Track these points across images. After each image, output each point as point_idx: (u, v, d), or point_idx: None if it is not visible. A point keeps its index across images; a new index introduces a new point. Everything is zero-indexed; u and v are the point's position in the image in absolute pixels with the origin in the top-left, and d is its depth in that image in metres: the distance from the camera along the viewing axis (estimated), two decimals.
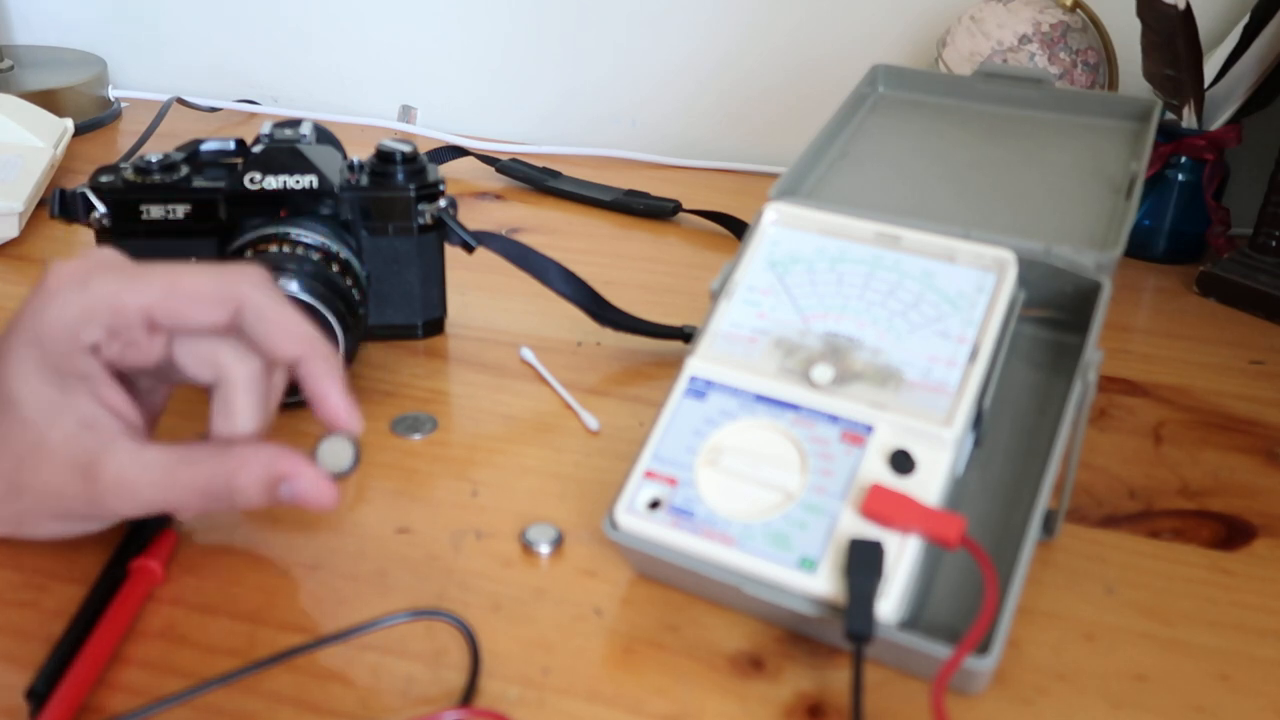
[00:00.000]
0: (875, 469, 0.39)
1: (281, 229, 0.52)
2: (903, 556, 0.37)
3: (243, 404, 0.40)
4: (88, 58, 0.98)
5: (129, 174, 0.54)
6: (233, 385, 0.40)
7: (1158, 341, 0.64)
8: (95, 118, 0.92)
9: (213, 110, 0.96)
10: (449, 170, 0.85)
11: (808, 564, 0.38)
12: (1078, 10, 0.74)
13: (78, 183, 0.56)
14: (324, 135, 0.58)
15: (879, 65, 0.60)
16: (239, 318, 0.39)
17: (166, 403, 0.44)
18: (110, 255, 0.40)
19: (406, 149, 0.57)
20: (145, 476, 0.38)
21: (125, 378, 0.41)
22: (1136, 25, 0.68)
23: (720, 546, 0.39)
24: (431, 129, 0.94)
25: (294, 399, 0.52)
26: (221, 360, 0.40)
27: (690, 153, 0.92)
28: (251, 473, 0.38)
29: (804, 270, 0.45)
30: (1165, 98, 0.71)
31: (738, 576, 0.39)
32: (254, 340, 0.39)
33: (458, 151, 0.86)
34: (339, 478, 0.39)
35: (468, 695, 0.37)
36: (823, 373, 0.42)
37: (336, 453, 0.39)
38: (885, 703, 0.38)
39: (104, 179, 0.54)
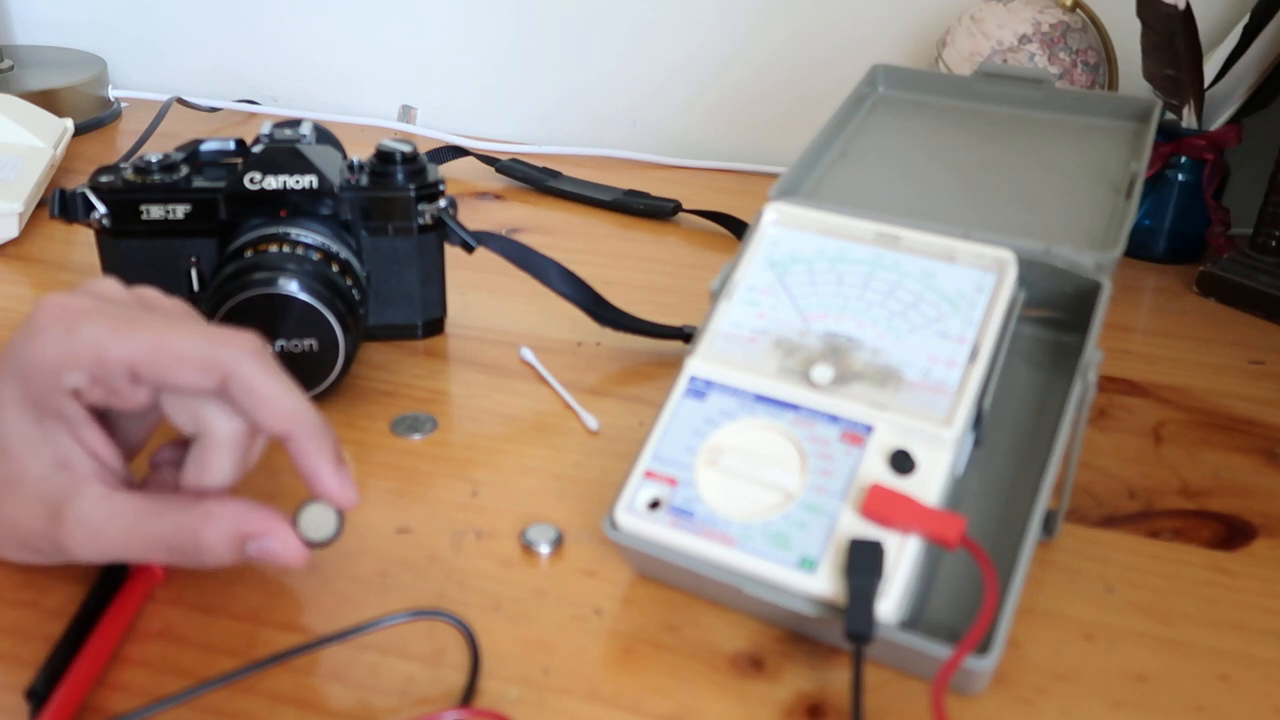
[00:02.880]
0: (875, 469, 0.39)
1: (281, 229, 0.52)
2: (903, 556, 0.37)
3: (219, 463, 0.39)
4: (88, 58, 0.98)
5: (129, 174, 0.54)
6: (212, 443, 0.39)
7: (1158, 341, 0.64)
8: (95, 118, 0.92)
9: (213, 110, 0.96)
10: (449, 170, 0.85)
11: (808, 564, 0.38)
12: (1078, 10, 0.74)
13: (78, 183, 0.56)
14: (324, 135, 0.58)
15: (879, 65, 0.60)
16: (225, 387, 0.37)
17: (149, 437, 0.43)
18: (105, 293, 0.39)
19: (406, 149, 0.57)
20: (111, 525, 0.37)
21: (106, 415, 0.40)
22: (1136, 25, 0.68)
23: (720, 546, 0.39)
24: (431, 129, 0.94)
25: None
26: (204, 417, 0.38)
27: (690, 153, 0.92)
28: (218, 529, 0.37)
29: (804, 270, 0.45)
30: (1165, 98, 0.71)
31: (738, 576, 0.39)
32: (240, 410, 0.38)
33: (458, 151, 0.86)
34: (317, 546, 0.38)
35: (468, 695, 0.37)
36: (823, 373, 0.42)
37: (319, 520, 0.38)
38: (885, 703, 0.38)
39: (104, 179, 0.54)
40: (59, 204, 0.54)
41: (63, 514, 0.37)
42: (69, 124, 0.83)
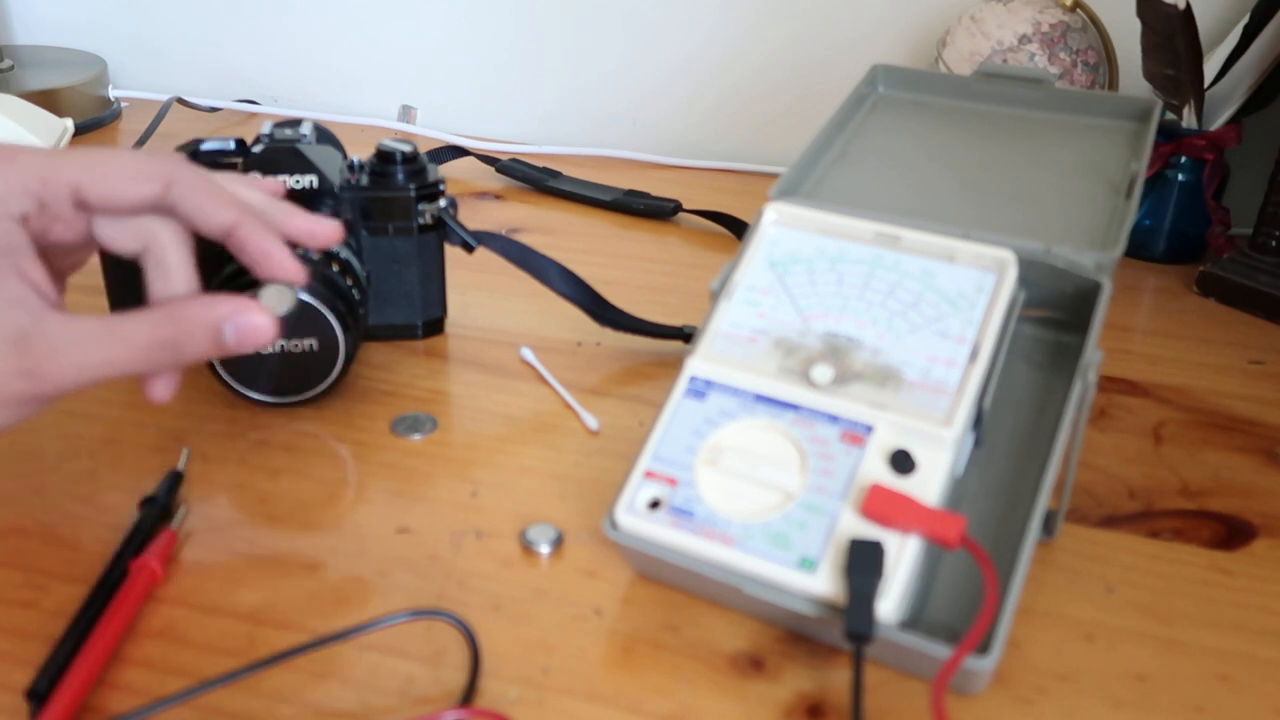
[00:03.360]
0: (875, 469, 0.39)
1: None
2: (903, 556, 0.37)
3: (177, 260, 0.40)
4: (88, 58, 0.98)
5: None
6: (164, 245, 0.40)
7: (1158, 341, 0.64)
8: (95, 118, 0.92)
9: (213, 110, 0.96)
10: (449, 170, 0.85)
11: (808, 564, 0.38)
12: (1078, 10, 0.74)
13: None
14: (324, 135, 0.58)
15: (879, 65, 0.60)
16: (168, 193, 0.39)
17: (73, 272, 0.44)
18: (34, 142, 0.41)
19: (406, 149, 0.57)
20: (87, 339, 0.37)
21: (44, 256, 0.40)
22: (1136, 25, 0.68)
23: (720, 546, 0.39)
24: (431, 129, 0.94)
25: (291, 399, 0.52)
26: (148, 229, 0.40)
27: (690, 153, 0.92)
28: (196, 317, 0.38)
29: (804, 270, 0.45)
30: (1165, 98, 0.71)
31: (738, 576, 0.39)
32: (185, 215, 0.39)
33: (458, 151, 0.86)
34: (280, 319, 0.40)
35: (468, 695, 0.37)
36: (823, 373, 0.42)
37: (277, 297, 0.41)
38: (885, 703, 0.38)
39: None
40: None
41: (31, 344, 0.37)
42: (69, 124, 0.83)
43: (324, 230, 0.43)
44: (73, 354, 0.37)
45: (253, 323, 0.39)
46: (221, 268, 0.51)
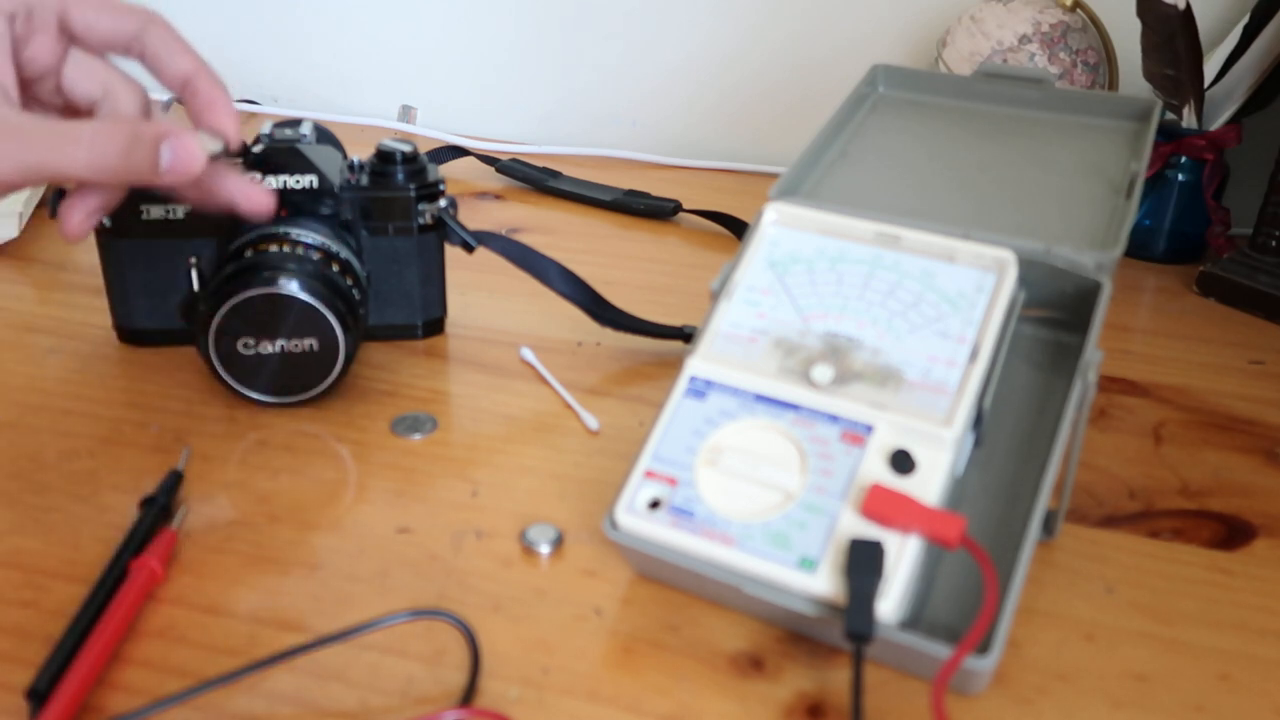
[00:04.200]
0: (875, 469, 0.39)
1: (281, 229, 0.52)
2: (903, 556, 0.37)
3: (127, 98, 0.44)
4: None
5: None
6: (118, 96, 0.44)
7: (1158, 341, 0.64)
8: None
9: None
10: (449, 170, 0.85)
11: (808, 564, 0.38)
12: (1078, 10, 0.74)
13: None
14: (324, 135, 0.58)
15: (879, 65, 0.60)
16: (143, 33, 0.43)
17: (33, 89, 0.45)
18: None
19: (406, 149, 0.57)
20: (36, 132, 0.39)
21: (15, 61, 0.43)
22: (1136, 25, 0.68)
23: (720, 546, 0.39)
24: (431, 129, 0.94)
25: (291, 399, 0.52)
26: (110, 75, 0.44)
27: (690, 153, 0.92)
28: (143, 130, 0.39)
29: (804, 270, 0.45)
30: (1165, 98, 0.71)
31: (738, 576, 0.39)
32: (152, 56, 0.43)
33: (458, 151, 0.86)
34: (211, 156, 0.42)
35: (468, 695, 0.37)
36: (823, 373, 0.42)
37: (208, 140, 0.43)
38: (885, 703, 0.38)
39: None
40: (58, 204, 0.54)
41: None
42: None
43: (233, 130, 0.45)
44: (20, 143, 0.38)
45: (188, 147, 0.40)
46: (222, 267, 0.51)
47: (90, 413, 0.52)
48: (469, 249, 0.58)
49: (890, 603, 0.36)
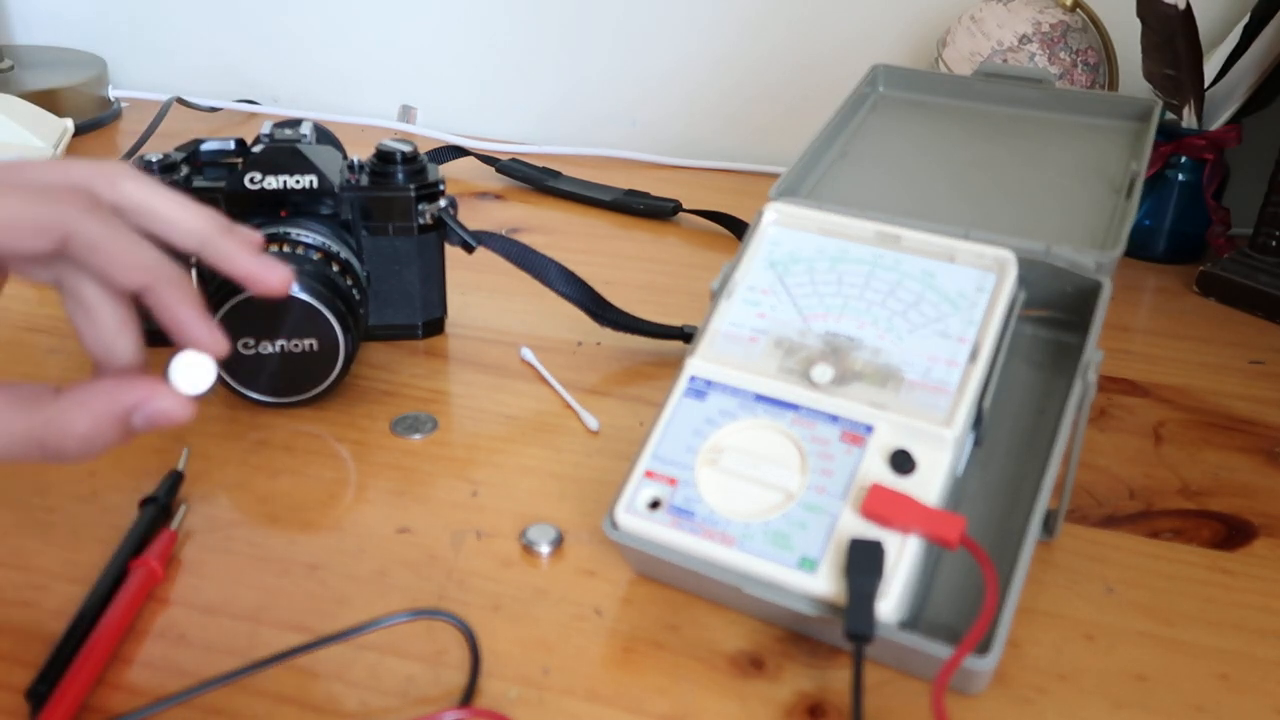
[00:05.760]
0: (875, 469, 0.39)
1: (282, 229, 0.52)
2: (903, 556, 0.37)
3: (97, 298, 0.35)
4: (88, 58, 0.98)
5: None
6: (78, 282, 0.35)
7: (1158, 341, 0.64)
8: (95, 118, 0.92)
9: (213, 110, 0.96)
10: (449, 170, 0.85)
11: (808, 564, 0.38)
12: (1078, 10, 0.74)
13: None
14: (324, 135, 0.58)
15: (879, 65, 0.60)
16: (66, 249, 0.33)
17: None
18: None
19: (406, 149, 0.57)
20: None
21: None
22: (1136, 25, 0.68)
23: (720, 546, 0.39)
24: (431, 129, 0.94)
25: (291, 399, 0.52)
26: (61, 271, 0.35)
27: (690, 153, 0.92)
28: (94, 412, 0.34)
29: (804, 270, 0.45)
30: (1165, 98, 0.71)
31: (738, 576, 0.39)
32: (88, 271, 0.35)
33: (458, 151, 0.86)
34: (197, 398, 0.36)
35: (468, 695, 0.37)
36: (823, 373, 0.42)
37: (193, 373, 0.36)
38: (885, 703, 0.38)
39: None
40: None
41: None
42: (69, 124, 0.83)
43: (271, 277, 0.37)
44: None
45: (162, 409, 0.34)
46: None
47: None
48: (469, 249, 0.58)
49: (890, 603, 0.36)
